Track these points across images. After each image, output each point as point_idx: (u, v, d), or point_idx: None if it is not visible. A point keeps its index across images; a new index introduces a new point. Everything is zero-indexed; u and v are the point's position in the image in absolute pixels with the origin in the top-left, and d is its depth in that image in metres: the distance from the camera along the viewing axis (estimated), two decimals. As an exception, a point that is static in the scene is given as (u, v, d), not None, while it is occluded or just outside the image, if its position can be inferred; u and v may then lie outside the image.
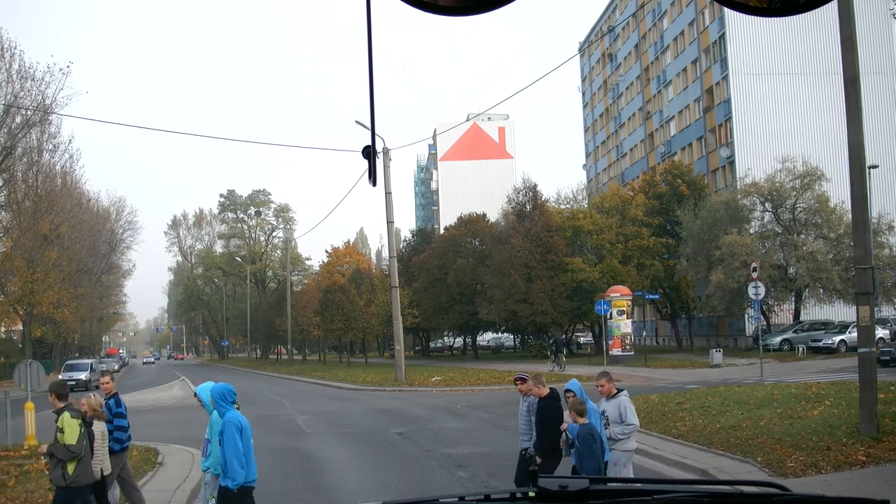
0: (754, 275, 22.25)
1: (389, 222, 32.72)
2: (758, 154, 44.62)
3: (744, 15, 1.62)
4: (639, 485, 2.23)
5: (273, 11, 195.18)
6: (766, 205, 39.87)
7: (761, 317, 41.49)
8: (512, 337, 66.30)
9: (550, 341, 41.48)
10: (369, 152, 2.33)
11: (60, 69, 44.16)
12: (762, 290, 22.13)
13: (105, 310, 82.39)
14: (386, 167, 32.39)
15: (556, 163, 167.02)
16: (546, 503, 1.99)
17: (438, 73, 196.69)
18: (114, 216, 76.11)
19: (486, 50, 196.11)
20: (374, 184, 2.31)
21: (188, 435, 16.40)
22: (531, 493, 2.02)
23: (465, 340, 66.84)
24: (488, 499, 2.07)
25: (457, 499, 2.12)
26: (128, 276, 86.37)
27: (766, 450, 11.09)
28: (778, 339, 38.11)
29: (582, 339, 63.07)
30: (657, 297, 41.27)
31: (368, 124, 2.29)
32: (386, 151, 32.47)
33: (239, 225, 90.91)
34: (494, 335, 68.35)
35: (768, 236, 39.71)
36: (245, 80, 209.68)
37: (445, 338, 71.76)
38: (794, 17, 1.69)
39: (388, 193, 32.44)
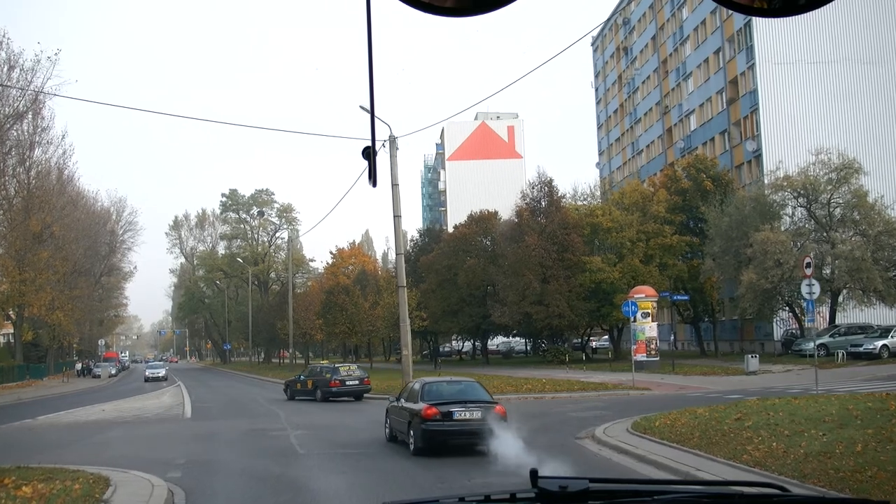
0: (808, 271, 19.68)
1: (396, 216, 30.19)
2: (786, 147, 42.07)
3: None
4: (639, 485, 2.11)
5: (273, 11, 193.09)
6: (799, 200, 37.31)
7: (793, 320, 39.04)
8: (523, 341, 63.63)
9: (432, 348, 59.05)
10: (370, 153, 2.40)
11: (48, 57, 42.36)
12: (817, 289, 19.57)
13: (105, 312, 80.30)
14: (392, 157, 29.81)
15: (567, 162, 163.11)
16: (546, 503, 1.97)
17: (442, 70, 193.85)
18: (114, 217, 74.20)
19: (492, 44, 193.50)
20: (374, 184, 2.42)
21: (158, 456, 13.96)
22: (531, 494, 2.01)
23: (474, 344, 64.22)
24: (488, 499, 2.06)
25: (457, 499, 2.11)
26: (129, 278, 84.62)
27: (887, 488, 8.55)
28: (813, 343, 35.40)
29: (594, 344, 59.61)
30: (686, 297, 38.62)
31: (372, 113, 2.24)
32: (392, 140, 29.92)
33: (241, 225, 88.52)
34: (505, 339, 65.61)
35: (802, 234, 37.21)
36: (245, 80, 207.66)
37: (454, 341, 69.17)
38: (825, 4, 1.64)
39: (394, 185, 29.87)
